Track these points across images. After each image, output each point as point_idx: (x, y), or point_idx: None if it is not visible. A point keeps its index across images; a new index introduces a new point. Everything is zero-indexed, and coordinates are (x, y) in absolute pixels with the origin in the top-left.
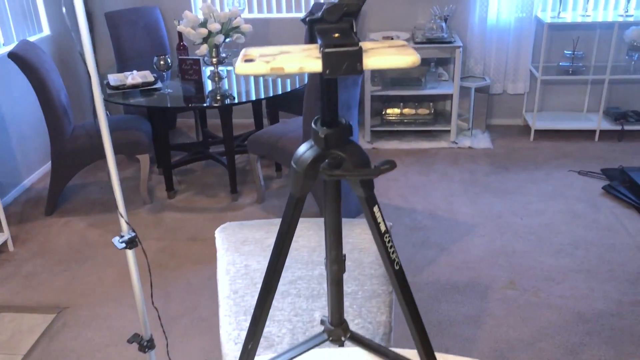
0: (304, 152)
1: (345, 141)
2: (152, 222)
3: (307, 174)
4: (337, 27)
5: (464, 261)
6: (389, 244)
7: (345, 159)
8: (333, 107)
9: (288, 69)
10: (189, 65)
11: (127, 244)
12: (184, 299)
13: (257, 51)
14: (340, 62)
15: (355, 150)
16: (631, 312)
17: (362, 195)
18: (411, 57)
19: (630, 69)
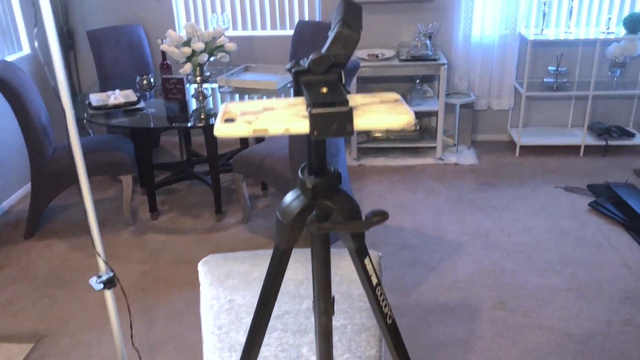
0: (290, 202)
1: (333, 190)
2: (135, 244)
3: (294, 226)
4: (324, 79)
5: (453, 281)
6: (381, 297)
7: (334, 210)
8: (321, 155)
9: (273, 130)
10: (172, 84)
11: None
12: (168, 324)
13: (238, 107)
14: (329, 124)
15: (345, 200)
16: (621, 332)
17: (352, 247)
18: (405, 116)
19: (613, 84)
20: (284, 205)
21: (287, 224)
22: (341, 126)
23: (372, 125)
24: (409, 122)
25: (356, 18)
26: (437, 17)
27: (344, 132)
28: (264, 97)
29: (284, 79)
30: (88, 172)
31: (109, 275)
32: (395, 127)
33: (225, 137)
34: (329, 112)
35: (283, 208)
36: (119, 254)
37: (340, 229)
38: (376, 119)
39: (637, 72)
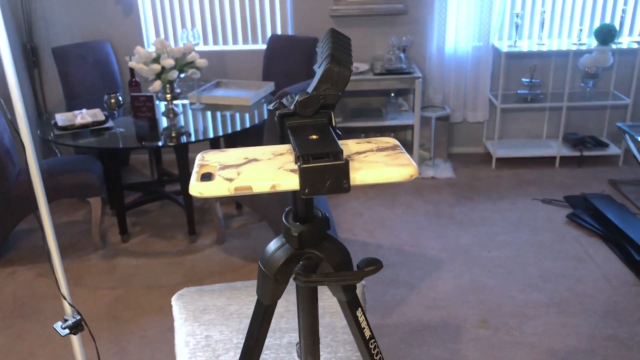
0: (274, 251)
1: (322, 237)
2: (105, 269)
3: (278, 279)
4: (313, 123)
5: (434, 299)
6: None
7: (323, 259)
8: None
9: (257, 188)
10: (141, 102)
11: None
12: (141, 354)
13: (216, 159)
14: (322, 179)
15: (334, 248)
16: (604, 347)
17: (343, 299)
18: (407, 168)
19: (586, 95)
20: (267, 254)
21: (270, 277)
22: (336, 182)
23: (371, 180)
24: (412, 175)
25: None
26: (411, 30)
27: (339, 188)
28: (236, 113)
29: (257, 95)
30: (55, 195)
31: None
32: (398, 181)
33: (203, 197)
34: (321, 166)
35: (266, 258)
36: (88, 280)
37: (331, 282)
38: (376, 173)
39: (609, 83)
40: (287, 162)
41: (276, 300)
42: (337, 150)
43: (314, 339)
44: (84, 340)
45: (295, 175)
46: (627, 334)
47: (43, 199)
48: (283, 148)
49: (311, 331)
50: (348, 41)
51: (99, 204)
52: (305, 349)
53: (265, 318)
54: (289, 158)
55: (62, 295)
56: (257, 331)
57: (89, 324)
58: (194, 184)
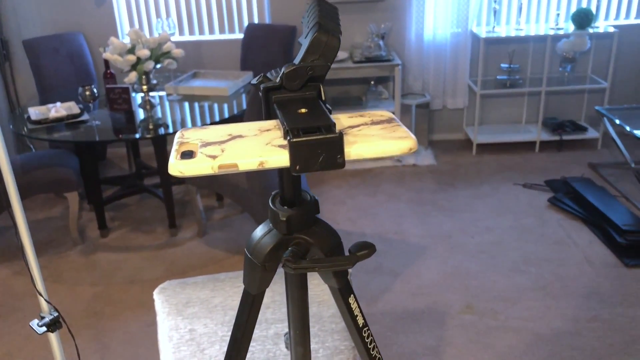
0: (261, 238)
1: (311, 222)
2: (85, 265)
3: (266, 267)
4: (301, 96)
5: (419, 286)
6: (368, 339)
7: (313, 244)
8: (295, 181)
9: (244, 165)
10: (117, 94)
11: (48, 327)
12: (124, 350)
13: (197, 136)
14: (314, 155)
15: (324, 232)
16: (588, 329)
17: (335, 285)
18: (406, 141)
19: (564, 80)
20: (254, 241)
21: (258, 265)
22: (330, 158)
23: (368, 155)
24: (411, 148)
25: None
26: (389, 17)
27: (333, 164)
28: (215, 104)
29: (236, 85)
30: (30, 191)
31: (53, 316)
32: (396, 155)
33: (184, 177)
34: (313, 139)
35: (253, 245)
36: (67, 276)
37: (322, 268)
38: (372, 147)
39: (587, 67)
40: (275, 137)
41: (264, 289)
42: (329, 124)
43: (304, 328)
44: (63, 339)
45: (285, 151)
46: (610, 315)
47: (15, 194)
48: (270, 124)
49: (301, 321)
50: (335, 10)
51: (76, 199)
52: (295, 340)
53: (253, 308)
54: (277, 134)
55: (38, 292)
56: (244, 322)
57: (69, 322)
58: (174, 163)
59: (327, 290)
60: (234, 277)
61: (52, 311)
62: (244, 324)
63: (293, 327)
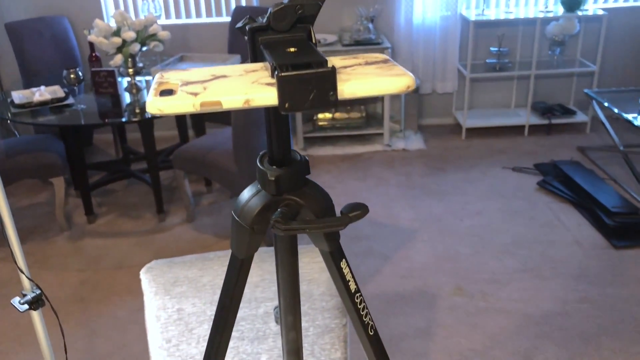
0: (249, 199)
1: (301, 182)
2: (72, 250)
3: (254, 229)
4: (290, 38)
5: (409, 269)
6: (360, 305)
7: (304, 206)
8: (284, 138)
9: (228, 102)
10: (102, 77)
11: (30, 305)
12: (111, 335)
13: (178, 77)
14: (305, 91)
15: (315, 192)
16: (577, 310)
17: (325, 249)
18: (403, 78)
19: (554, 63)
20: (241, 203)
21: (246, 228)
22: (322, 93)
23: (362, 92)
24: (409, 85)
25: None
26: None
27: (325, 101)
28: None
29: None
30: (15, 176)
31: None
32: (393, 92)
33: (163, 115)
34: (304, 74)
35: (240, 207)
36: (54, 263)
37: (313, 229)
38: (367, 84)
39: (576, 51)
40: (263, 77)
41: (252, 253)
42: (320, 60)
43: (294, 296)
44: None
45: (273, 89)
46: (599, 295)
47: None
48: (256, 66)
49: (291, 288)
50: None
51: (62, 184)
52: (285, 308)
53: (241, 274)
54: (264, 74)
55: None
56: (232, 288)
57: (56, 308)
58: (152, 100)
59: (316, 268)
60: (223, 256)
61: (35, 289)
62: (232, 290)
63: (283, 295)
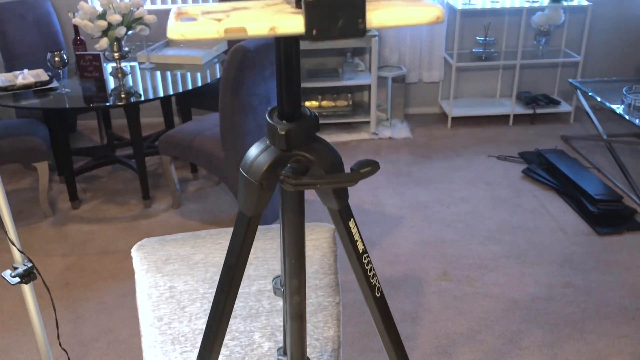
0: (257, 155)
1: (311, 138)
2: (56, 236)
3: (263, 185)
4: None
5: (396, 255)
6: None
7: (314, 162)
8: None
9: (253, 29)
10: (88, 61)
11: (22, 278)
12: (98, 320)
13: (196, 9)
14: (334, 18)
15: (325, 149)
16: (562, 295)
17: (335, 207)
18: (432, 9)
19: (539, 53)
20: (249, 159)
21: (255, 184)
22: (350, 21)
23: (391, 22)
24: (438, 16)
25: None
26: None
27: (354, 29)
28: (188, 72)
29: (210, 54)
30: None
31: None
32: (422, 23)
33: (184, 40)
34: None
35: (249, 163)
36: (38, 248)
37: (324, 184)
38: (397, 13)
39: (560, 41)
40: (287, 8)
41: (261, 211)
42: None
43: (300, 258)
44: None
45: (299, 16)
46: (583, 280)
47: None
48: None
49: (297, 250)
50: None
51: (46, 169)
52: (290, 271)
53: (249, 232)
54: (287, 7)
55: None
56: (239, 248)
57: (41, 293)
58: (174, 26)
59: (310, 246)
60: (215, 234)
61: (26, 261)
62: (239, 249)
63: (288, 257)
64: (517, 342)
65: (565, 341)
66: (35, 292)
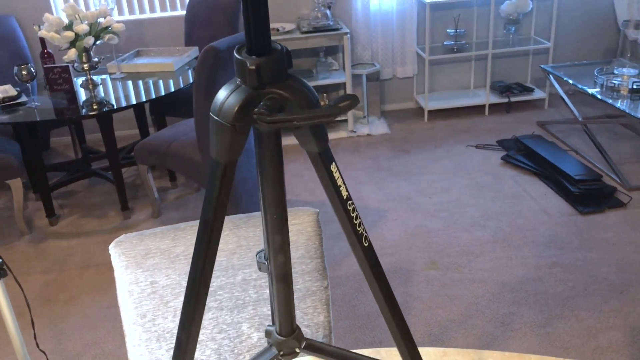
0: (227, 96)
1: (284, 75)
2: (34, 254)
3: (236, 127)
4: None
5: (382, 247)
6: (353, 214)
7: (289, 99)
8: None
9: None
10: (57, 74)
11: None
12: (82, 334)
13: None
14: None
15: (300, 86)
16: (549, 275)
17: (315, 149)
18: None
19: (509, 42)
20: (219, 101)
21: (227, 125)
22: None
23: None
24: None
25: None
26: None
27: None
28: (159, 80)
29: (182, 60)
30: None
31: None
32: None
33: None
34: None
35: (219, 105)
36: (15, 267)
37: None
38: None
39: (530, 29)
40: None
41: (235, 157)
42: None
43: (281, 212)
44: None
45: None
46: (569, 259)
47: None
48: None
49: (278, 202)
50: None
51: (19, 186)
52: (272, 227)
53: (224, 182)
54: None
55: None
56: (215, 200)
57: (20, 311)
58: None
59: (294, 230)
60: (195, 225)
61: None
62: (216, 201)
63: (269, 211)
64: (509, 325)
65: (557, 319)
66: (13, 309)
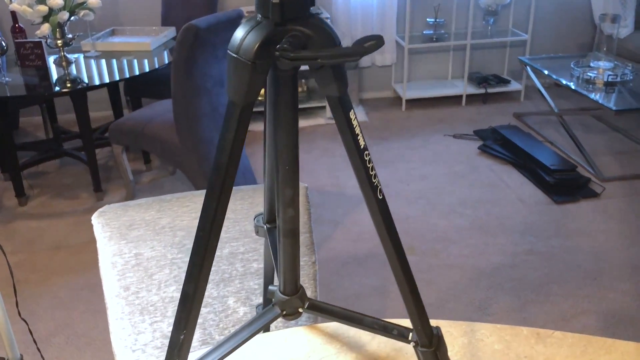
0: (247, 32)
1: (307, 12)
2: (2, 234)
3: (257, 65)
4: None
5: (360, 233)
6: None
7: (312, 37)
8: None
9: None
10: (29, 49)
11: None
12: (54, 315)
13: None
14: None
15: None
16: (525, 261)
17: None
18: None
19: (488, 33)
20: (239, 38)
21: (247, 62)
22: None
23: None
24: None
25: None
26: None
27: None
28: (134, 59)
29: (158, 40)
30: None
31: None
32: None
33: None
34: None
35: (238, 42)
36: None
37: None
38: None
39: (508, 21)
40: None
41: (253, 99)
42: None
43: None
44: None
45: None
46: (545, 247)
47: None
48: None
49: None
50: None
51: None
52: (283, 179)
53: (240, 125)
54: None
55: None
56: (231, 143)
57: None
58: None
59: None
60: (182, 197)
61: None
62: (231, 145)
63: (282, 163)
64: (486, 309)
65: (532, 305)
66: None
